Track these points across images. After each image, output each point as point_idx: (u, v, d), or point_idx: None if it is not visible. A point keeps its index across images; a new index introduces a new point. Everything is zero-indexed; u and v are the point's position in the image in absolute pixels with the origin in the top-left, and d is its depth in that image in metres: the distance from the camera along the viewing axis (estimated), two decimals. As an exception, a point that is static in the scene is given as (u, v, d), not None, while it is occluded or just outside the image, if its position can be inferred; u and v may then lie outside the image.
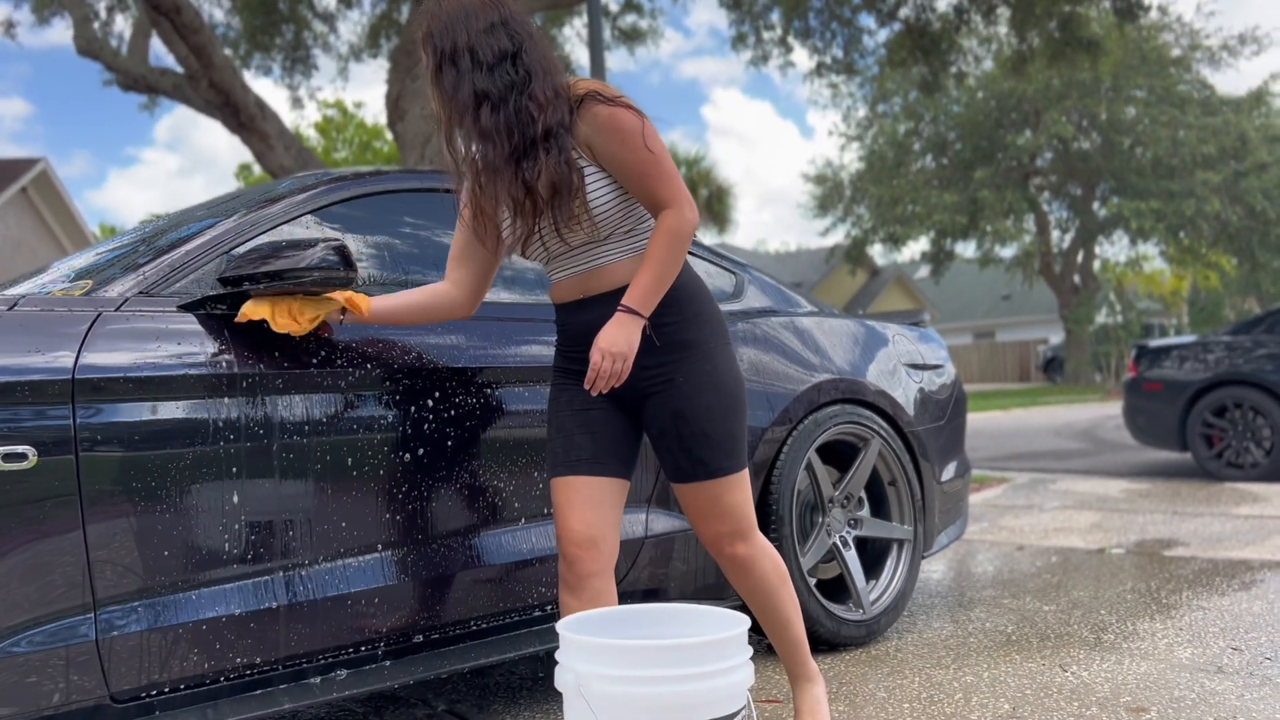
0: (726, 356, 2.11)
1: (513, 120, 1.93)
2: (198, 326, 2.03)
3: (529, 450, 2.47)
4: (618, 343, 1.94)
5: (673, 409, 2.04)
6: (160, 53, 11.65)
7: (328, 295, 2.09)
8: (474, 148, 2.02)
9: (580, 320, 2.08)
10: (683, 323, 2.05)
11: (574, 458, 2.08)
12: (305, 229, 2.37)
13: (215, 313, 2.08)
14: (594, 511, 2.05)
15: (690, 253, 3.22)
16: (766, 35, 12.86)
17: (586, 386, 1.98)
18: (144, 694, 1.89)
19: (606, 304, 2.02)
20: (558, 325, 2.18)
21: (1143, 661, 2.82)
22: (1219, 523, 5.22)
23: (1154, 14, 12.54)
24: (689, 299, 2.08)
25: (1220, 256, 26.78)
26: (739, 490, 2.11)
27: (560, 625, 1.73)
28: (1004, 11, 11.76)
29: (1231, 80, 70.55)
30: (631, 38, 13.54)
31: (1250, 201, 23.98)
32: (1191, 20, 28.25)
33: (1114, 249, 29.74)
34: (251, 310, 2.00)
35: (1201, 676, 2.66)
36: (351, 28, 22.74)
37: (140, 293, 2.04)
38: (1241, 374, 7.05)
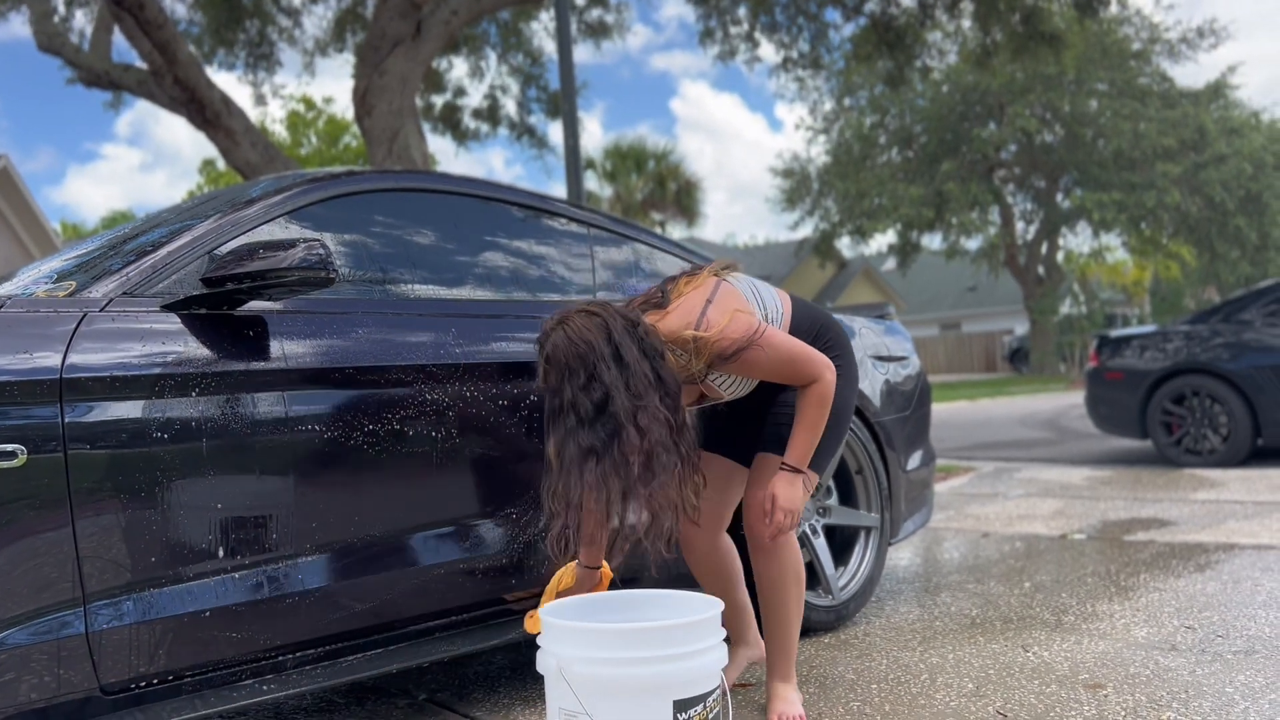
0: None
1: (613, 469, 2.05)
2: (181, 326, 2.08)
3: (507, 443, 2.53)
4: (795, 501, 2.33)
5: (774, 397, 2.48)
6: (123, 48, 11.54)
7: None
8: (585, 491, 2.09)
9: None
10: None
11: (700, 437, 2.52)
12: (284, 229, 2.41)
13: (198, 313, 2.12)
14: (709, 481, 2.44)
15: (659, 248, 3.29)
16: (733, 30, 12.93)
17: (769, 539, 2.39)
18: (133, 685, 1.93)
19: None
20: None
21: (1101, 641, 2.93)
22: (1177, 508, 5.37)
23: (1114, 8, 12.74)
24: (809, 328, 2.50)
25: (1181, 247, 27.23)
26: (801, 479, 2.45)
27: (543, 611, 1.80)
28: (967, 6, 11.90)
29: (1190, 73, 71.56)
30: (598, 32, 13.56)
31: (1209, 193, 24.41)
32: (1151, 14, 28.59)
33: (1077, 240, 30.21)
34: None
35: (1156, 654, 2.77)
36: (316, 22, 22.60)
37: (124, 293, 2.07)
38: (1199, 363, 7.22)
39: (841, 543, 3.35)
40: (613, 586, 2.39)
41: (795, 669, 2.49)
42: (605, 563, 2.40)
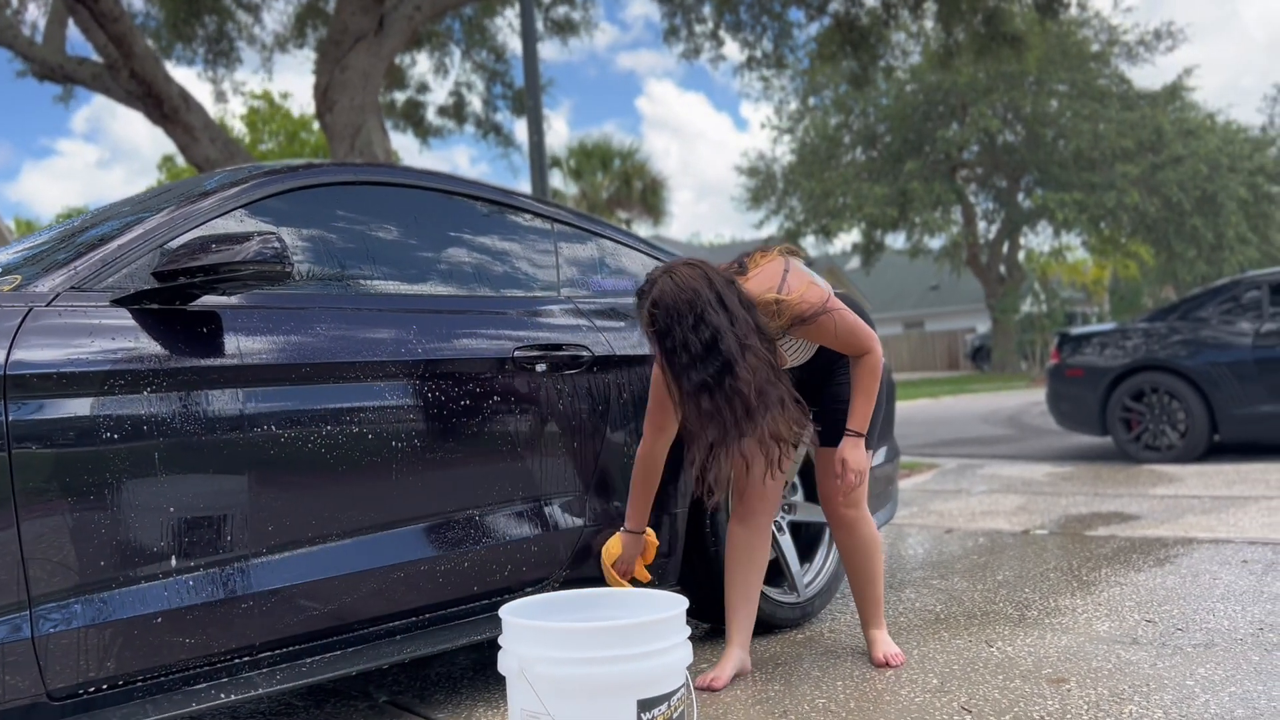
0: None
1: (726, 402, 2.27)
2: (132, 322, 2.02)
3: (468, 441, 2.49)
4: (863, 462, 2.62)
5: (834, 394, 2.72)
6: (78, 41, 11.34)
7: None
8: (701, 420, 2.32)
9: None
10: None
11: None
12: (239, 223, 2.35)
13: (149, 308, 2.06)
14: None
15: (625, 244, 3.27)
16: (698, 29, 12.94)
17: (843, 497, 2.70)
18: (82, 691, 1.88)
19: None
20: None
21: (1063, 635, 2.94)
22: (1137, 503, 5.43)
23: (1074, 10, 12.87)
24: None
25: (1139, 246, 27.59)
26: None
27: (504, 610, 1.77)
28: (931, 6, 11.98)
29: (1148, 75, 72.69)
30: (564, 29, 13.51)
31: (1166, 193, 24.75)
32: (1109, 16, 28.98)
33: (1038, 239, 30.51)
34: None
35: (1118, 648, 2.79)
36: (277, 18, 22.32)
37: (72, 288, 2.01)
38: (1158, 360, 7.31)
39: (807, 540, 3.34)
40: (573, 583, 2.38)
41: (883, 615, 2.86)
42: (650, 530, 2.65)
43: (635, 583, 2.72)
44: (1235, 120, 28.07)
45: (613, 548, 2.61)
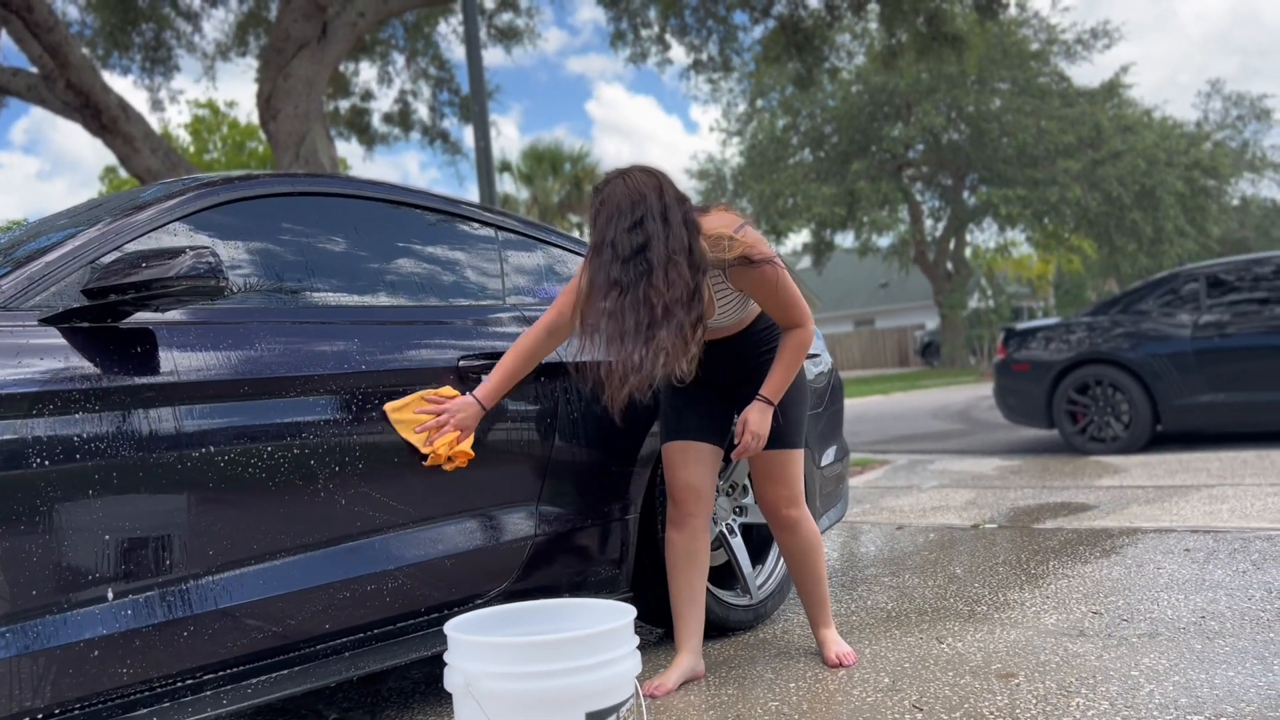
0: None
1: (632, 306, 2.32)
2: (62, 341, 1.97)
3: (415, 453, 2.46)
4: (764, 427, 2.60)
5: (749, 378, 2.67)
6: (11, 52, 11.07)
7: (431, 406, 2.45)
8: (604, 317, 2.38)
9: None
10: (775, 341, 2.67)
11: (684, 428, 2.73)
12: (174, 237, 2.31)
13: (80, 326, 2.01)
14: (697, 468, 2.71)
15: (573, 251, 3.25)
16: (644, 33, 12.97)
17: (735, 459, 2.66)
18: (16, 722, 1.82)
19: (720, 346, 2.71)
20: None
21: (1012, 630, 2.98)
22: (1083, 495, 5.52)
23: (1013, 10, 13.11)
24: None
25: (1081, 240, 28.08)
26: (797, 464, 2.75)
27: (448, 626, 1.75)
28: (873, 8, 12.11)
29: (1087, 73, 74.10)
30: (508, 36, 13.46)
31: (1107, 188, 25.20)
32: (1048, 15, 29.51)
33: (984, 236, 30.96)
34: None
35: (1065, 640, 2.82)
36: (218, 25, 22.02)
37: (-3, 307, 1.96)
38: (1101, 353, 7.44)
39: (759, 542, 3.35)
40: (528, 595, 2.36)
41: (830, 614, 2.87)
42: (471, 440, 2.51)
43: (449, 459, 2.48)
44: (1171, 116, 28.72)
45: (445, 390, 2.47)
